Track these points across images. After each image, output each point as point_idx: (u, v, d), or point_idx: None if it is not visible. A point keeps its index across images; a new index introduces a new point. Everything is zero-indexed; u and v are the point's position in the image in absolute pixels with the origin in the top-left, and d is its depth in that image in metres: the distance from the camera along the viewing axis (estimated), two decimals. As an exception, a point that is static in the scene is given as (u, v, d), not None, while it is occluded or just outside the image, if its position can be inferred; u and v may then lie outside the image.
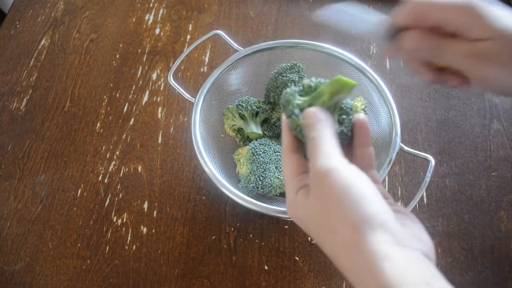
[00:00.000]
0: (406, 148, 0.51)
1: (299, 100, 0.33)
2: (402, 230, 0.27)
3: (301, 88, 0.34)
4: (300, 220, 0.32)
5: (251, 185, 0.52)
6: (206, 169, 0.51)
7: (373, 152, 0.34)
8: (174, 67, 0.59)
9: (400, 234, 0.26)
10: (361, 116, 0.34)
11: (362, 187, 0.27)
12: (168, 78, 0.58)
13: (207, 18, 0.81)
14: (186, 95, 0.57)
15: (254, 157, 0.52)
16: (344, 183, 0.27)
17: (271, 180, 0.52)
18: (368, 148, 0.33)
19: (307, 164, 0.32)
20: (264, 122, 0.61)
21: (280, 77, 0.57)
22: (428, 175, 0.49)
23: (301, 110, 0.32)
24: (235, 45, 0.60)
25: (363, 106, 0.57)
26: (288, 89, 0.34)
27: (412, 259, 0.25)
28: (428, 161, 0.50)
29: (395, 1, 0.80)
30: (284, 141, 0.34)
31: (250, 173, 0.52)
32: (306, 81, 0.34)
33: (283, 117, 0.34)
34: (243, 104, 0.59)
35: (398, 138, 0.51)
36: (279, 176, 0.53)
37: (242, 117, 0.59)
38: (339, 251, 0.27)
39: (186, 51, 0.60)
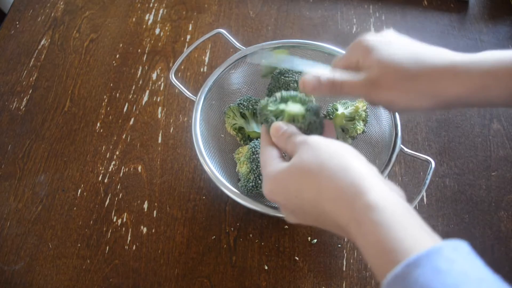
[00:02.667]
0: (406, 149, 0.51)
1: (271, 107, 0.41)
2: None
3: (275, 98, 0.42)
4: (279, 182, 0.34)
5: (251, 184, 0.52)
6: (206, 168, 0.51)
7: None
8: (175, 66, 0.59)
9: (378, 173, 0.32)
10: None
11: (341, 143, 0.33)
12: (170, 76, 0.58)
13: (207, 18, 0.81)
14: (188, 94, 0.57)
15: (254, 156, 0.52)
16: (326, 142, 0.33)
17: (271, 180, 0.52)
18: None
19: (281, 154, 0.38)
20: None
21: (283, 77, 0.57)
22: (428, 177, 0.49)
23: (275, 116, 0.40)
24: (237, 44, 0.60)
25: (364, 108, 0.57)
26: (262, 101, 0.42)
27: (392, 189, 0.30)
28: (428, 162, 0.50)
29: (395, 0, 0.80)
30: (262, 137, 0.40)
31: (250, 172, 0.52)
32: (278, 93, 0.42)
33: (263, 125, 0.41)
34: (244, 103, 0.59)
35: (399, 140, 0.51)
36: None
37: (243, 116, 0.59)
38: (324, 183, 0.30)
39: (188, 49, 0.60)
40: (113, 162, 0.66)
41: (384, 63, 0.35)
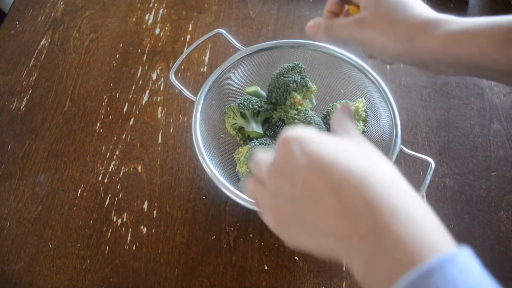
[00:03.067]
0: (406, 150, 0.51)
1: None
2: None
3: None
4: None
5: None
6: (206, 168, 0.51)
7: None
8: (175, 65, 0.59)
9: None
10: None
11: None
12: (170, 77, 0.58)
13: (207, 18, 0.81)
14: (187, 94, 0.57)
15: (254, 156, 0.52)
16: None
17: (271, 180, 0.52)
18: None
19: None
20: (265, 122, 0.61)
21: (282, 77, 0.57)
22: (428, 177, 0.49)
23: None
24: (237, 44, 0.60)
25: (364, 108, 0.57)
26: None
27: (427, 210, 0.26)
28: (428, 163, 0.50)
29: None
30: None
31: (250, 172, 0.52)
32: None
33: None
34: (244, 103, 0.59)
35: (399, 140, 0.51)
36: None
37: (243, 116, 0.59)
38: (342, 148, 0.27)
39: (188, 49, 0.60)
40: (113, 162, 0.66)
41: (382, 3, 0.37)
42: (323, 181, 0.26)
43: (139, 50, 0.77)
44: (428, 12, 0.36)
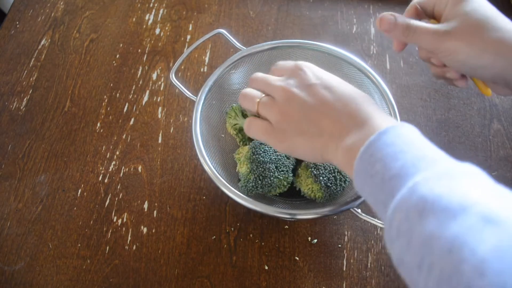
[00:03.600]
0: None
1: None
2: None
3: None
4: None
5: (251, 184, 0.52)
6: (206, 168, 0.51)
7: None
8: (176, 65, 0.59)
9: None
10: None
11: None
12: (170, 76, 0.58)
13: (207, 18, 0.81)
14: (188, 93, 0.57)
15: (254, 156, 0.52)
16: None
17: (270, 180, 0.52)
18: None
19: None
20: None
21: None
22: None
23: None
24: (238, 44, 0.60)
25: None
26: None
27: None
28: None
29: (395, 0, 0.80)
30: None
31: (250, 172, 0.52)
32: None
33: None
34: None
35: None
36: (279, 176, 0.53)
37: (244, 116, 0.59)
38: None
39: (189, 49, 0.60)
40: (113, 162, 0.66)
41: (470, 16, 0.36)
42: (331, 95, 0.37)
43: (139, 50, 0.77)
44: None
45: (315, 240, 0.58)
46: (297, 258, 0.57)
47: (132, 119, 0.70)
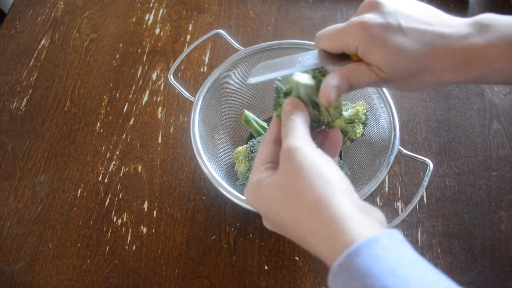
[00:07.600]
0: (404, 151, 0.51)
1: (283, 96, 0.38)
2: (360, 200, 0.31)
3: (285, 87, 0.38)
4: (262, 197, 0.33)
5: None
6: (204, 169, 0.51)
7: (339, 146, 0.38)
8: (174, 66, 0.58)
9: (360, 202, 0.30)
10: (336, 133, 0.38)
11: (327, 162, 0.32)
12: (168, 77, 0.58)
13: (207, 18, 0.81)
14: (186, 94, 0.57)
15: (252, 154, 0.52)
16: (311, 158, 0.31)
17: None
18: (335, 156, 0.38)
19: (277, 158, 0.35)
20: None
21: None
22: (426, 178, 0.49)
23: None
24: (236, 45, 0.60)
25: (365, 111, 0.57)
26: (278, 83, 0.38)
27: (373, 223, 0.29)
28: (426, 164, 0.50)
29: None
30: (269, 131, 0.37)
31: (248, 170, 0.52)
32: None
33: (275, 113, 0.38)
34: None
35: (397, 141, 0.51)
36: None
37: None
38: (305, 215, 0.30)
39: (188, 50, 0.60)
40: (113, 162, 0.66)
41: (392, 64, 0.34)
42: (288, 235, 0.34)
43: (139, 50, 0.77)
44: (463, 22, 0.34)
45: (315, 240, 0.58)
46: (297, 258, 0.57)
47: (132, 119, 0.70)
